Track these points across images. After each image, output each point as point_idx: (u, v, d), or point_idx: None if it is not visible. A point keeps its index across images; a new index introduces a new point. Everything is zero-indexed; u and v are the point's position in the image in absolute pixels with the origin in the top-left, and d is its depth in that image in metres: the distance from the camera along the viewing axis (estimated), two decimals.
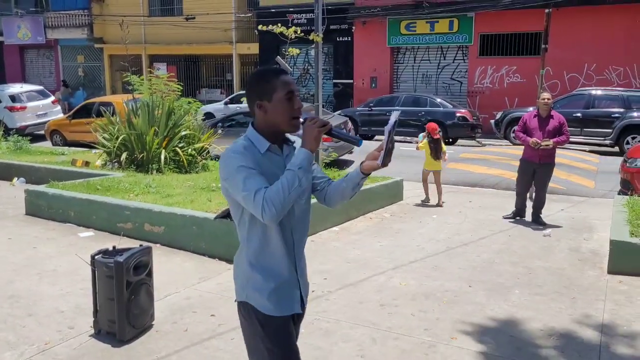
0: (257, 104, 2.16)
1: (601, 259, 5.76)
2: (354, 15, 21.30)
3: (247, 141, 2.16)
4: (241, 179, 2.04)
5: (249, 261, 2.21)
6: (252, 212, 2.05)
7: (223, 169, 2.12)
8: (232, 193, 2.12)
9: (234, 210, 2.20)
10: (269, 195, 1.99)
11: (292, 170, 2.03)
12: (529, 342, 3.95)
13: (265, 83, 2.15)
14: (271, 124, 2.16)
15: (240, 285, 2.25)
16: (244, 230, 2.19)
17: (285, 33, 8.64)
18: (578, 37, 17.86)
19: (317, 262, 5.67)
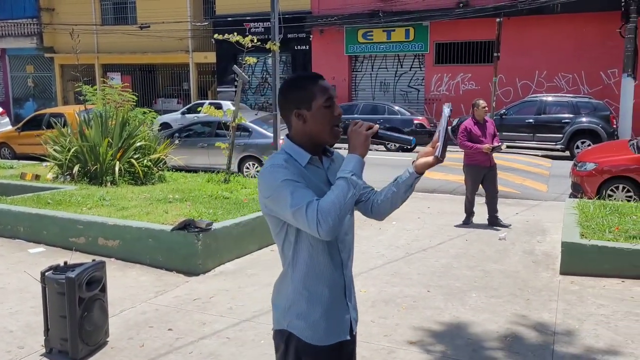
0: (295, 113, 1.98)
1: (554, 261, 5.93)
2: (312, 24, 21.44)
3: (285, 154, 1.99)
4: (288, 193, 1.85)
5: (294, 286, 2.01)
6: (305, 228, 1.86)
7: (265, 185, 1.93)
8: (276, 211, 1.93)
9: (276, 230, 2.01)
10: (323, 207, 1.82)
11: (345, 177, 1.87)
12: (485, 344, 4.01)
13: (303, 90, 1.98)
14: (311, 134, 1.99)
15: (282, 312, 2.04)
16: (289, 251, 2.00)
17: (242, 42, 8.62)
18: (529, 46, 18.45)
19: (277, 271, 5.60)
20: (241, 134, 11.38)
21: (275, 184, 1.88)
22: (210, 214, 6.36)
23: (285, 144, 2.05)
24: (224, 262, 5.84)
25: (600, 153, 9.68)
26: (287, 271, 2.03)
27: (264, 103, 22.67)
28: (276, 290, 2.11)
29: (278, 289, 2.09)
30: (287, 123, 2.05)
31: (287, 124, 2.05)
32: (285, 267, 2.05)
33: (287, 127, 2.07)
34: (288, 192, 1.85)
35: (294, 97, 1.99)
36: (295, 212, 1.84)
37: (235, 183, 8.63)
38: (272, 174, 1.91)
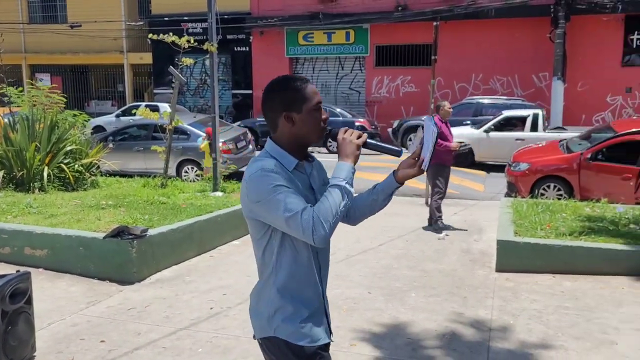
0: (284, 116, 1.96)
1: (490, 259, 6.07)
2: (251, 25, 21.25)
3: (272, 158, 1.95)
4: (281, 199, 1.84)
5: (277, 290, 2.00)
6: (298, 234, 1.86)
7: (254, 189, 1.89)
8: (264, 216, 1.91)
9: (258, 235, 1.99)
10: (318, 215, 1.82)
11: (339, 185, 1.90)
12: (424, 343, 4.04)
13: (293, 92, 1.96)
14: (299, 137, 1.99)
15: (266, 318, 2.02)
16: (271, 257, 1.99)
17: (178, 42, 8.39)
18: (465, 49, 18.97)
19: (216, 277, 5.50)
20: (179, 137, 11.10)
21: (266, 188, 1.86)
22: (145, 220, 6.13)
23: (269, 146, 2.01)
24: (161, 269, 5.64)
25: (533, 153, 10.05)
26: (269, 277, 2.01)
27: (203, 105, 22.27)
28: (255, 299, 2.09)
29: (257, 297, 2.07)
30: (271, 125, 2.02)
31: (272, 126, 2.02)
32: (265, 274, 2.03)
33: (270, 129, 2.04)
34: (281, 198, 1.84)
35: (284, 100, 1.96)
36: (289, 218, 1.83)
37: (173, 188, 8.39)
38: (263, 179, 1.87)
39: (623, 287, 5.10)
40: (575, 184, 8.75)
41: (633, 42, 17.71)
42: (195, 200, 7.49)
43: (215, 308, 4.69)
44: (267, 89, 2.01)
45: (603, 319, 4.43)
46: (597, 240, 5.69)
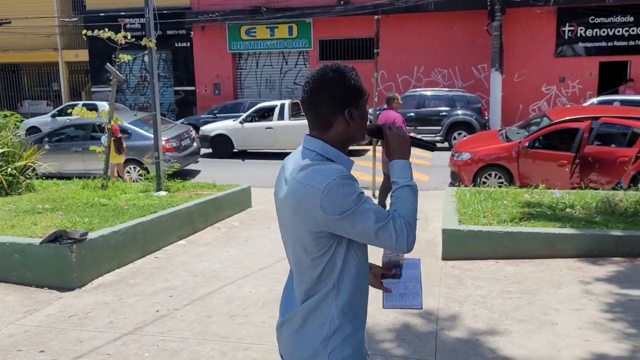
0: (346, 112, 1.74)
1: (436, 247, 6.18)
2: (192, 20, 20.83)
3: (329, 161, 1.73)
4: (369, 209, 1.66)
5: (341, 310, 1.74)
6: (388, 243, 1.68)
7: (336, 201, 1.64)
8: (346, 230, 1.67)
9: (319, 253, 1.72)
10: (408, 219, 1.70)
11: (410, 185, 1.77)
12: (375, 336, 4.07)
13: (353, 85, 1.76)
14: (351, 135, 1.79)
15: (321, 341, 1.75)
16: (331, 272, 1.73)
17: (114, 38, 8.11)
18: (407, 42, 19.26)
19: (162, 279, 5.36)
20: None
21: (351, 199, 1.65)
22: (85, 223, 5.90)
23: (320, 147, 1.76)
24: (103, 273, 5.44)
25: (475, 143, 10.31)
26: (327, 295, 1.75)
27: (144, 103, 21.68)
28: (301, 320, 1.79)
29: (306, 317, 1.78)
30: (321, 123, 1.77)
31: (323, 124, 1.77)
32: (320, 291, 1.75)
33: (316, 127, 1.78)
34: (369, 207, 1.66)
35: (347, 93, 1.75)
36: (380, 228, 1.66)
37: (114, 189, 8.12)
38: (346, 188, 1.65)
39: (561, 269, 5.30)
40: (514, 172, 9.04)
41: (565, 34, 18.47)
42: (138, 200, 7.28)
43: (161, 310, 4.57)
44: (321, 82, 1.76)
45: (544, 300, 4.59)
46: (536, 225, 5.89)
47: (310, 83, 1.76)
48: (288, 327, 1.84)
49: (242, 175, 11.57)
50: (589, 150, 8.54)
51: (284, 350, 1.88)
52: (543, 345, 3.82)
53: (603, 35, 18.19)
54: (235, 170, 12.53)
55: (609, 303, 4.47)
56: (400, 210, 1.72)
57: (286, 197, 1.75)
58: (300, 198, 1.69)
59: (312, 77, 1.78)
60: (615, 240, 5.57)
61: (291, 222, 1.76)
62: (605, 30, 18.15)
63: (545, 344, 3.84)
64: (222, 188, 8.42)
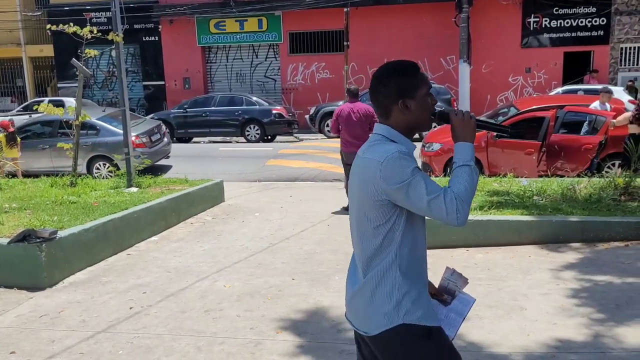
0: (400, 103, 1.96)
1: None
2: (160, 14, 20.54)
3: (393, 143, 1.94)
4: (422, 182, 1.84)
5: (404, 277, 1.93)
6: (440, 216, 1.83)
7: (394, 172, 1.85)
8: (402, 199, 1.86)
9: (381, 221, 1.92)
10: (460, 195, 1.84)
11: (469, 165, 1.92)
12: (349, 325, 4.11)
13: (409, 78, 1.97)
14: (412, 124, 1.99)
15: (394, 306, 1.92)
16: (392, 241, 1.92)
17: (80, 33, 7.96)
18: (376, 34, 19.35)
19: (134, 276, 5.32)
20: (88, 133, 10.59)
21: (407, 171, 1.85)
22: (54, 221, 5.81)
23: (386, 131, 1.99)
24: (74, 272, 5.37)
25: (445, 134, 10.42)
26: (392, 263, 1.93)
27: (112, 98, 21.32)
28: (370, 291, 1.96)
29: (375, 287, 1.95)
30: (383, 112, 2.00)
31: (384, 112, 2.00)
32: (384, 261, 1.94)
33: (380, 115, 2.03)
34: (422, 180, 1.84)
35: (400, 86, 1.96)
36: (432, 200, 1.83)
37: (84, 186, 8.00)
38: (402, 161, 1.86)
39: (530, 255, 5.44)
40: (484, 161, 9.20)
41: (530, 25, 18.80)
42: (108, 197, 7.19)
43: (135, 307, 4.54)
44: (380, 75, 2.00)
45: (513, 286, 4.71)
46: (505, 213, 6.02)
47: (375, 78, 2.02)
48: (359, 299, 2.01)
49: (215, 169, 11.51)
50: (554, 138, 8.74)
51: (359, 322, 2.02)
52: (513, 330, 3.93)
53: (567, 26, 18.59)
54: (208, 165, 12.45)
55: (575, 288, 4.61)
56: (453, 186, 1.88)
57: (355, 172, 2.01)
58: (365, 170, 1.93)
59: (377, 72, 2.03)
60: (580, 226, 5.74)
61: (357, 193, 1.98)
62: (569, 21, 18.54)
63: (515, 329, 3.94)
64: (194, 183, 8.37)
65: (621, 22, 18.29)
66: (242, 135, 16.78)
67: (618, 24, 18.30)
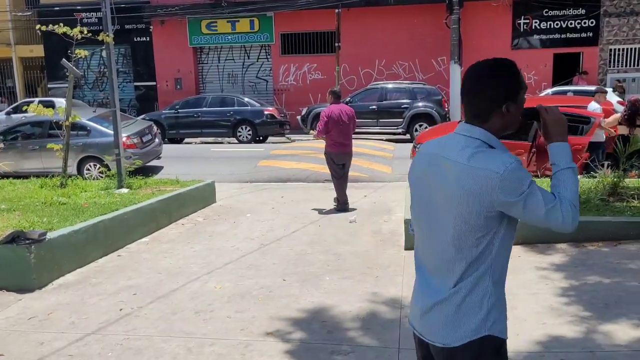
0: (504, 108, 1.84)
1: (399, 238, 6.29)
2: (151, 15, 20.48)
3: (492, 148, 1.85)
4: (538, 191, 1.79)
5: (494, 286, 1.86)
6: (556, 224, 1.80)
7: (513, 184, 1.76)
8: (518, 211, 1.80)
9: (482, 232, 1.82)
10: (573, 201, 1.81)
11: (572, 167, 1.87)
12: (340, 325, 4.13)
13: (513, 80, 1.86)
14: (506, 127, 1.89)
15: (483, 316, 1.85)
16: (491, 251, 1.84)
17: (70, 33, 7.92)
18: (368, 35, 19.39)
19: (124, 277, 5.30)
20: (78, 134, 10.53)
21: (525, 182, 1.77)
22: (44, 222, 5.77)
23: (485, 136, 1.85)
24: (64, 273, 5.34)
25: (436, 134, 10.42)
26: (485, 273, 1.85)
27: (103, 99, 21.22)
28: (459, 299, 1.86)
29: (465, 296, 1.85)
30: (481, 114, 1.86)
31: (482, 115, 1.86)
32: (478, 270, 1.84)
33: (473, 117, 1.88)
34: (537, 190, 1.79)
35: (506, 89, 1.85)
36: (550, 209, 1.79)
37: (74, 187, 7.95)
38: (522, 172, 1.78)
39: (519, 255, 5.46)
40: None
41: (520, 26, 18.91)
42: (98, 198, 7.15)
43: (125, 309, 4.52)
44: (480, 76, 1.87)
45: None
46: None
47: (472, 78, 1.87)
48: (441, 311, 1.89)
49: (207, 170, 11.49)
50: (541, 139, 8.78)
51: (438, 334, 1.90)
52: None
53: (557, 28, 18.71)
54: (200, 165, 12.41)
55: (564, 288, 4.64)
56: (564, 192, 1.84)
57: (450, 181, 1.82)
58: (476, 181, 1.77)
59: (473, 71, 1.88)
60: None
61: (459, 205, 1.81)
62: (559, 22, 18.67)
63: None
64: (185, 184, 8.34)
65: (610, 24, 18.43)
66: (234, 136, 16.76)
67: (607, 26, 18.44)
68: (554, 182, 1.88)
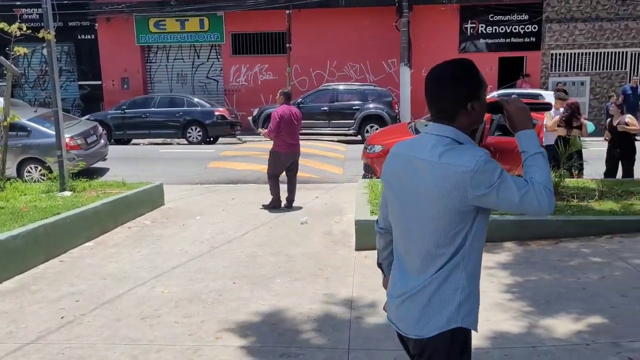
0: (469, 105, 1.90)
1: (350, 238, 6.32)
2: (96, 12, 19.86)
3: (461, 144, 1.90)
4: (509, 179, 1.83)
5: (468, 278, 1.90)
6: (532, 208, 1.83)
7: (484, 177, 1.80)
8: (492, 201, 1.84)
9: (457, 228, 1.86)
10: (547, 184, 1.85)
11: (540, 152, 1.91)
12: (290, 327, 4.10)
13: (473, 80, 1.91)
14: (473, 124, 1.96)
15: (456, 307, 1.89)
16: (464, 243, 1.88)
17: (8, 30, 7.58)
18: (319, 37, 19.44)
19: (67, 284, 5.10)
20: (18, 134, 10.09)
21: (496, 174, 1.82)
22: None
23: (453, 133, 1.90)
24: (2, 281, 5.10)
25: (386, 136, 10.60)
26: (457, 267, 1.89)
27: (45, 98, 20.42)
28: (429, 292, 1.91)
29: (436, 288, 1.90)
30: (447, 114, 1.92)
31: (448, 114, 1.92)
32: (449, 264, 1.89)
33: (441, 117, 1.93)
34: (509, 179, 1.84)
35: (468, 89, 1.91)
36: (524, 194, 1.82)
37: (13, 190, 7.61)
38: (491, 165, 1.83)
39: None
40: None
41: (467, 30, 19.41)
42: (39, 202, 6.88)
43: (67, 317, 4.35)
44: (442, 78, 1.92)
45: None
46: None
47: (435, 81, 1.93)
48: (414, 303, 1.94)
49: (155, 172, 11.23)
50: (490, 140, 9.02)
51: (411, 325, 1.95)
52: None
53: (502, 32, 19.30)
54: (148, 167, 12.12)
55: (508, 285, 4.77)
56: (536, 177, 1.87)
57: (424, 180, 1.88)
58: (448, 177, 1.82)
59: (435, 74, 1.94)
60: (514, 226, 5.95)
61: (431, 202, 1.87)
62: (504, 27, 19.26)
63: None
64: (132, 186, 8.12)
65: (552, 30, 19.16)
66: (184, 137, 16.47)
67: (549, 31, 19.16)
68: (525, 170, 1.93)
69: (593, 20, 18.97)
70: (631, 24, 18.90)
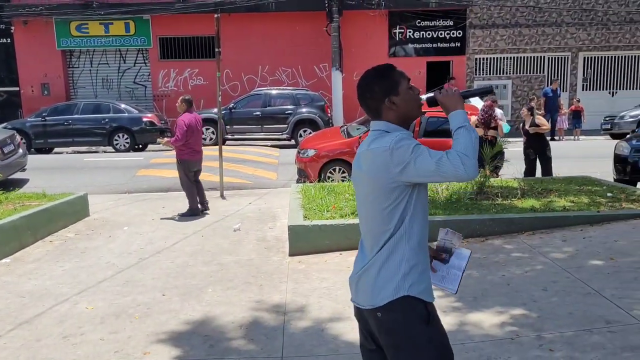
0: (387, 101, 2.15)
1: (283, 244, 6.28)
2: (12, 14, 18.83)
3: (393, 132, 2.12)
4: (425, 151, 2.01)
5: (412, 250, 2.09)
6: (449, 174, 1.99)
7: (400, 154, 2.01)
8: (413, 175, 2.02)
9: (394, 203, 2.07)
10: (460, 150, 2.00)
11: (463, 126, 2.08)
12: (222, 337, 4.01)
13: (387, 80, 2.17)
14: (404, 115, 2.17)
15: (402, 277, 2.07)
16: (403, 217, 2.08)
17: None
18: (250, 41, 19.31)
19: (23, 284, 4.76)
20: None
21: (410, 149, 2.01)
22: None
23: (384, 126, 2.15)
24: None
25: (319, 140, 10.64)
26: (400, 239, 2.08)
27: None
28: (377, 266, 2.10)
29: (383, 262, 2.09)
30: (373, 111, 2.19)
31: (374, 112, 2.19)
32: (393, 238, 2.09)
33: (371, 115, 2.21)
34: (424, 150, 2.01)
35: (382, 88, 2.16)
36: (439, 162, 1.98)
37: None
38: (404, 142, 2.02)
39: None
40: None
41: (396, 36, 19.87)
42: None
43: None
44: (363, 83, 2.20)
45: None
46: None
47: (360, 85, 2.21)
48: (367, 276, 2.13)
49: (79, 182, 10.76)
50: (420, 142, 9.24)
51: (365, 299, 2.13)
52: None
53: (429, 38, 19.89)
54: (71, 177, 11.58)
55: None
56: (454, 147, 2.04)
57: (362, 167, 2.13)
58: (374, 160, 2.07)
59: (360, 78, 2.22)
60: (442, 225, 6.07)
61: (368, 185, 2.12)
62: (430, 33, 19.87)
63: None
64: (53, 197, 7.72)
65: (475, 35, 19.94)
66: (110, 144, 15.89)
67: (472, 37, 19.93)
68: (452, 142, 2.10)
69: (513, 26, 19.92)
70: (547, 30, 19.99)
